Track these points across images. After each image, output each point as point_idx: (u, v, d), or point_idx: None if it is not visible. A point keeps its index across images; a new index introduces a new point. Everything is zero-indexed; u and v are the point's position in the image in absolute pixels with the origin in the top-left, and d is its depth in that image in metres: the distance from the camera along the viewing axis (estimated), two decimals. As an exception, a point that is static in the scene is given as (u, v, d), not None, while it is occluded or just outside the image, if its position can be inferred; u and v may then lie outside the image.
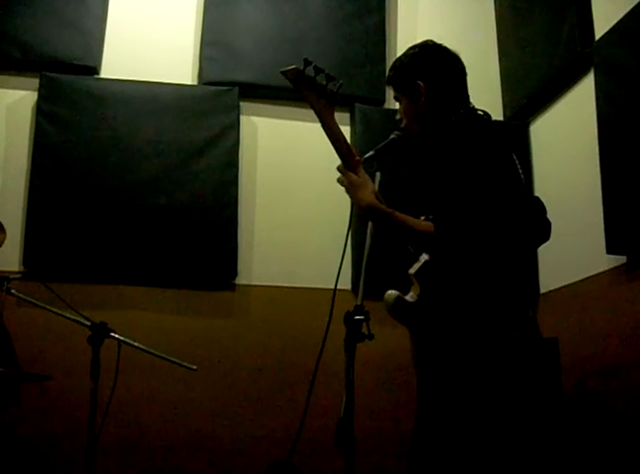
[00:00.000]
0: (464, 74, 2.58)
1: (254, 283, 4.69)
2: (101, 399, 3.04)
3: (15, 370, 3.62)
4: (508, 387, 2.25)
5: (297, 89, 2.29)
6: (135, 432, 4.27)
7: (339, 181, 2.43)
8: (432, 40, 2.60)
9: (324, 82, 2.31)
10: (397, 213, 2.35)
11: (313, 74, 2.28)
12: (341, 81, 2.34)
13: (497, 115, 5.02)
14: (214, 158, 4.73)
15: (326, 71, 2.30)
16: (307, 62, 2.25)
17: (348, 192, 2.40)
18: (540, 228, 2.31)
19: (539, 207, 2.33)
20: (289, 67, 2.26)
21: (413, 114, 2.55)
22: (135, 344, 3.26)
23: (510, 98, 5.16)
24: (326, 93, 2.32)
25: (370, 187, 2.37)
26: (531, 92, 4.91)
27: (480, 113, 2.52)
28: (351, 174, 2.38)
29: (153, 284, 4.52)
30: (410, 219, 2.35)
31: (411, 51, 2.60)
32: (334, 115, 2.36)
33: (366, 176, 2.40)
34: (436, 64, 2.54)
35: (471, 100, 2.58)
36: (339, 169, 2.41)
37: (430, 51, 2.57)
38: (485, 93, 3.58)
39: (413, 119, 2.56)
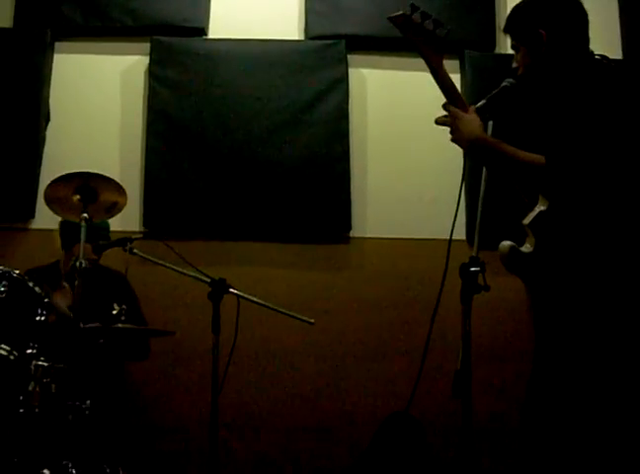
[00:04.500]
0: (586, 20, 2.44)
1: (368, 236, 4.69)
2: (222, 352, 3.14)
3: (142, 327, 3.78)
4: (627, 340, 2.18)
5: (404, 35, 2.25)
6: (255, 382, 4.38)
7: (438, 121, 2.38)
8: None
9: (431, 28, 2.25)
10: (506, 144, 2.29)
11: (420, 20, 2.23)
12: (449, 27, 2.27)
13: (615, 52, 4.80)
14: (324, 112, 4.72)
15: (433, 16, 2.24)
16: (414, 8, 2.22)
17: (452, 129, 2.35)
18: None
19: None
20: (396, 13, 2.23)
21: (532, 63, 2.44)
22: (254, 298, 3.33)
23: (629, 32, 4.90)
24: (434, 39, 2.27)
25: (478, 121, 2.32)
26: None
27: (598, 57, 2.40)
28: (456, 109, 2.34)
29: (269, 240, 4.58)
30: (520, 151, 2.27)
31: None
32: (442, 61, 2.31)
33: (475, 115, 2.36)
34: (558, 11, 2.41)
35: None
36: (444, 106, 2.37)
37: None
38: (602, 28, 3.42)
39: (531, 69, 2.45)
